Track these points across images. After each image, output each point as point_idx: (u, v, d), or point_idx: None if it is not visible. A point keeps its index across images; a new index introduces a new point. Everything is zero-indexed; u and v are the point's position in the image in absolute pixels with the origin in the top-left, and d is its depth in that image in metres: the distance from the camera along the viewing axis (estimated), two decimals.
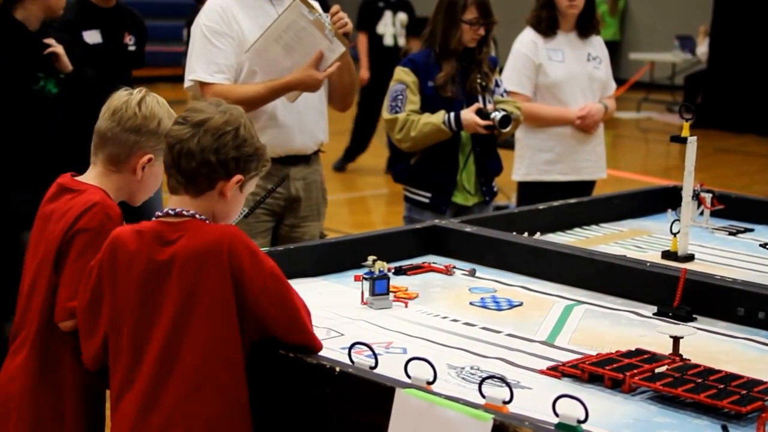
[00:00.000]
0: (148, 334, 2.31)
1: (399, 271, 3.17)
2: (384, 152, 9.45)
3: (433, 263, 3.28)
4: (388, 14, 9.87)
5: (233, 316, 2.28)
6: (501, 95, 4.66)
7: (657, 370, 2.35)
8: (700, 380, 2.26)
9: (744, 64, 13.43)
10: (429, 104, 4.49)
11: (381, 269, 2.84)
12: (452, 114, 4.43)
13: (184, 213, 2.32)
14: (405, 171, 4.63)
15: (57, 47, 4.31)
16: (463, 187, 4.56)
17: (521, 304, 2.93)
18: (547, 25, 5.04)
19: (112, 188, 2.60)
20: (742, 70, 13.45)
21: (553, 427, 1.97)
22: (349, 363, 2.28)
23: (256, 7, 3.93)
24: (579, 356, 2.48)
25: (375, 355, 2.26)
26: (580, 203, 4.01)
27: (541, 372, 2.41)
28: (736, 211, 3.99)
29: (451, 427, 2.00)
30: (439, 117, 4.44)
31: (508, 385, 2.06)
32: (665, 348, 2.48)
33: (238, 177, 2.35)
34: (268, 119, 3.93)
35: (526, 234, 3.54)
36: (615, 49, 14.63)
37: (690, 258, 3.35)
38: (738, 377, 2.30)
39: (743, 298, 2.79)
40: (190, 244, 2.28)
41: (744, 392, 2.20)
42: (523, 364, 2.46)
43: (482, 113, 4.44)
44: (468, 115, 4.43)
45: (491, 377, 2.15)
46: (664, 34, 15.99)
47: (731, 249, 3.57)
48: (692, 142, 3.28)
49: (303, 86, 3.86)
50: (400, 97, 4.49)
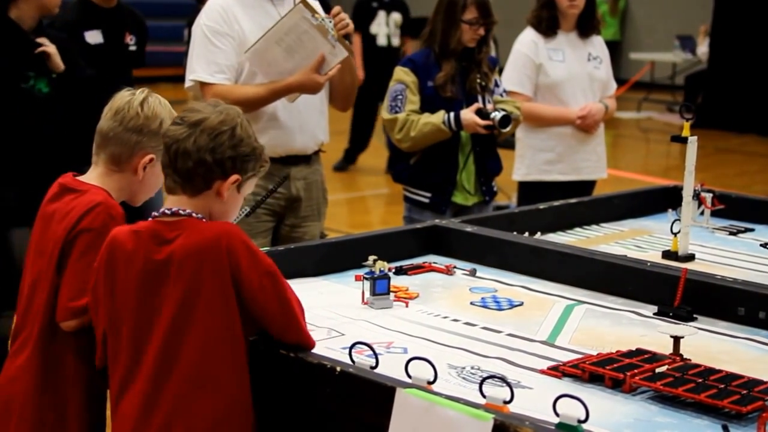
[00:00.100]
0: (148, 334, 2.31)
1: (399, 271, 3.17)
2: (384, 152, 9.45)
3: (434, 263, 3.28)
4: (381, 14, 9.87)
5: (234, 313, 2.28)
6: (500, 95, 4.66)
7: (657, 370, 2.35)
8: (700, 380, 2.27)
9: (744, 63, 13.42)
10: (429, 104, 4.49)
11: (381, 269, 2.84)
12: (452, 114, 4.43)
13: (181, 212, 2.32)
14: (405, 171, 4.63)
15: (48, 47, 4.28)
16: (462, 187, 4.56)
17: (522, 304, 2.93)
18: (547, 25, 5.04)
19: (113, 188, 2.60)
20: (742, 70, 13.45)
21: (553, 427, 1.97)
22: (350, 363, 2.28)
23: (257, 7, 3.93)
24: (579, 356, 2.48)
25: (375, 355, 2.26)
26: (581, 203, 4.01)
27: (542, 372, 2.41)
28: (737, 210, 3.98)
29: (451, 426, 2.00)
30: (438, 117, 4.43)
31: (508, 384, 2.06)
32: (666, 348, 2.48)
33: (235, 177, 2.35)
34: (269, 119, 3.93)
35: (527, 234, 3.54)
36: (615, 49, 14.63)
37: (690, 258, 3.35)
38: (738, 377, 2.30)
39: (744, 297, 2.79)
40: (188, 242, 2.28)
41: (744, 392, 2.20)
42: (523, 363, 2.46)
43: (482, 113, 4.44)
44: (468, 115, 4.43)
45: (492, 377, 2.15)
46: (665, 34, 15.99)
47: (732, 249, 3.57)
48: (693, 142, 3.28)
49: (304, 89, 3.86)
50: (400, 97, 4.49)
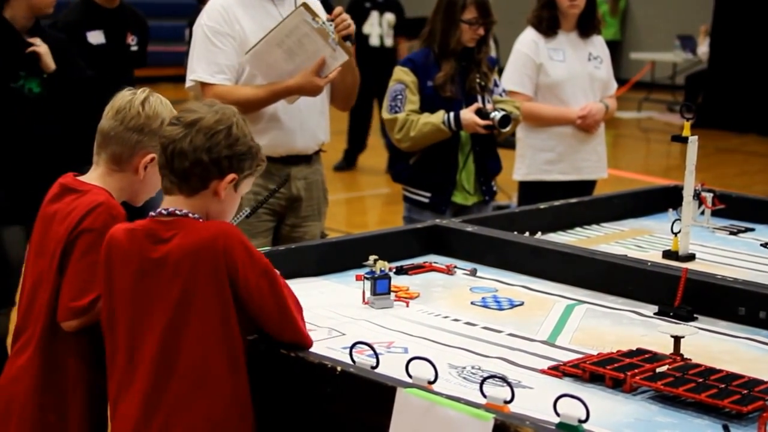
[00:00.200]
0: (144, 334, 2.31)
1: (400, 271, 3.17)
2: (384, 152, 9.44)
3: (435, 263, 3.28)
4: (374, 14, 9.88)
5: (230, 313, 2.28)
6: (499, 95, 4.66)
7: (658, 370, 2.35)
8: (701, 380, 2.27)
9: (745, 63, 13.42)
10: (428, 104, 4.49)
11: (382, 269, 2.84)
12: (452, 114, 4.43)
13: (177, 212, 2.33)
14: (404, 171, 4.63)
15: (39, 47, 4.27)
16: (462, 187, 4.56)
17: (522, 304, 2.93)
18: (548, 24, 5.04)
19: (114, 188, 2.60)
20: (742, 70, 13.44)
21: (554, 427, 1.97)
22: (351, 362, 2.28)
23: (258, 7, 3.93)
24: (580, 356, 2.48)
25: (376, 355, 2.26)
26: (581, 203, 4.01)
27: (543, 372, 2.41)
28: (737, 210, 3.99)
29: (452, 426, 2.00)
30: (438, 117, 4.43)
31: (509, 384, 2.06)
32: (666, 348, 2.48)
33: (231, 176, 2.35)
34: (270, 119, 3.93)
35: (528, 234, 3.54)
36: (616, 48, 14.62)
37: (691, 257, 3.35)
38: (739, 377, 2.30)
39: (744, 297, 2.79)
40: (184, 242, 2.28)
41: (745, 392, 2.20)
42: (524, 363, 2.46)
43: (482, 113, 4.44)
44: (467, 114, 4.43)
45: (492, 377, 2.15)
46: (665, 34, 15.98)
47: (732, 248, 3.57)
48: (693, 142, 3.28)
49: (303, 92, 3.86)
50: (400, 96, 4.49)
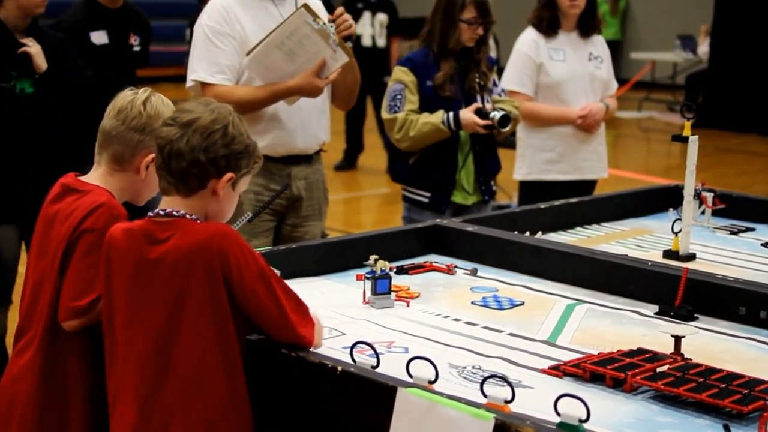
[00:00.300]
0: (140, 334, 2.32)
1: (401, 271, 3.17)
2: (384, 152, 9.44)
3: (435, 262, 3.28)
4: (366, 15, 9.87)
5: (225, 314, 2.28)
6: (498, 95, 4.66)
7: (658, 370, 2.35)
8: (701, 380, 2.27)
9: (745, 63, 13.41)
10: (428, 104, 4.49)
11: (383, 268, 2.84)
12: (451, 113, 4.43)
13: (174, 213, 2.33)
14: (404, 171, 4.63)
15: (30, 47, 4.27)
16: (461, 187, 4.56)
17: (523, 304, 2.93)
18: (548, 24, 5.04)
19: (116, 188, 2.60)
20: (743, 70, 13.44)
21: (554, 427, 1.97)
22: (351, 362, 2.28)
23: (259, 7, 3.93)
24: (580, 356, 2.48)
25: (377, 355, 2.26)
26: (582, 202, 4.01)
27: (543, 371, 2.41)
28: (738, 210, 3.98)
29: (452, 426, 2.00)
30: (438, 116, 4.43)
31: (509, 384, 2.07)
32: (667, 347, 2.48)
33: (229, 175, 2.35)
34: (271, 119, 3.93)
35: (528, 233, 3.55)
36: (616, 48, 14.61)
37: (691, 257, 3.35)
38: (739, 376, 2.30)
39: (745, 297, 2.79)
40: (181, 242, 2.28)
41: (745, 391, 2.20)
42: (524, 363, 2.46)
43: (481, 113, 4.44)
44: (467, 114, 4.43)
45: (493, 376, 2.15)
46: (665, 34, 15.98)
47: (733, 248, 3.57)
48: (693, 142, 3.28)
49: (303, 92, 3.86)
50: (399, 96, 4.49)
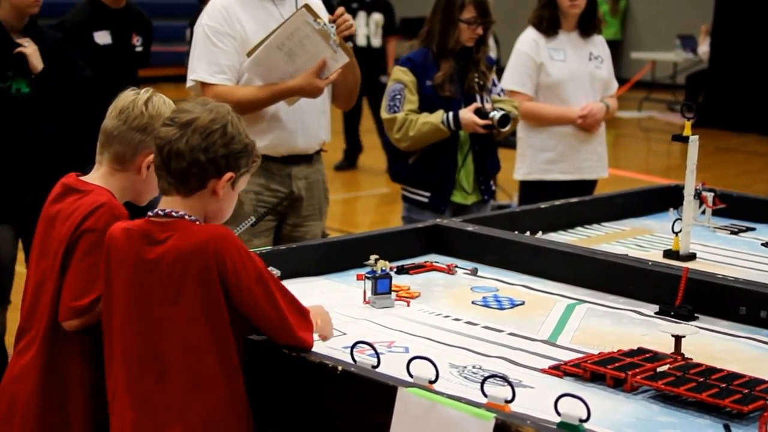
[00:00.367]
0: (137, 334, 2.32)
1: (401, 270, 3.17)
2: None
3: (435, 262, 3.28)
4: (361, 15, 9.88)
5: (221, 315, 2.28)
6: (498, 94, 4.66)
7: (659, 369, 2.35)
8: (701, 379, 2.27)
9: (745, 63, 13.41)
10: (427, 103, 4.49)
11: (383, 268, 2.85)
12: (451, 113, 4.43)
13: (173, 214, 2.33)
14: (403, 171, 4.63)
15: (25, 48, 4.27)
16: (461, 187, 4.56)
17: (523, 303, 2.93)
18: (548, 24, 5.04)
19: (117, 187, 2.60)
20: (743, 70, 13.44)
21: (555, 426, 1.97)
22: (352, 362, 2.28)
23: (259, 7, 3.93)
24: (581, 355, 2.48)
25: (377, 354, 2.26)
26: (582, 202, 4.01)
27: (543, 371, 2.41)
28: (738, 210, 3.99)
29: (453, 426, 2.00)
30: (437, 116, 4.44)
31: (510, 384, 2.07)
32: (667, 347, 2.48)
33: (229, 174, 2.35)
34: (271, 119, 3.93)
35: (528, 233, 3.55)
36: (616, 48, 14.61)
37: (692, 257, 3.35)
38: (740, 376, 2.30)
39: (745, 297, 2.79)
40: (179, 244, 2.28)
41: (746, 391, 2.20)
42: (525, 363, 2.46)
43: (481, 113, 4.44)
44: (467, 114, 4.43)
45: (493, 376, 2.15)
46: (666, 34, 15.98)
47: (733, 248, 3.57)
48: (694, 141, 3.28)
49: (304, 93, 3.86)
50: (398, 96, 4.49)
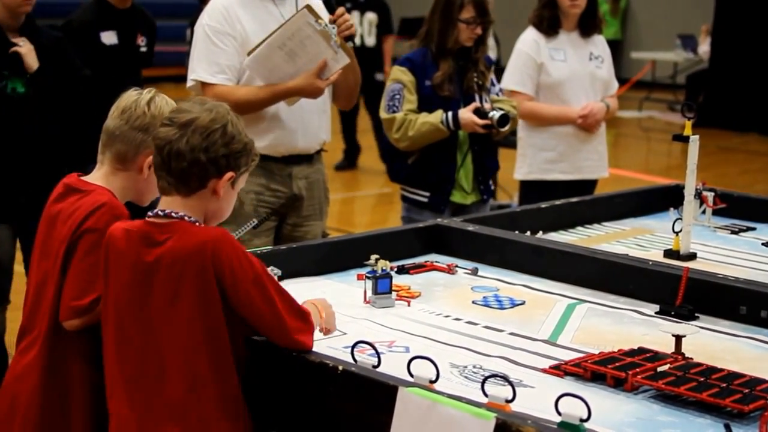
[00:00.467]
0: (136, 334, 2.32)
1: (401, 270, 3.17)
2: None
3: (436, 262, 3.28)
4: (355, 14, 9.88)
5: (218, 316, 2.28)
6: (497, 94, 4.66)
7: (659, 369, 2.35)
8: (702, 379, 2.27)
9: (746, 62, 13.42)
10: (426, 103, 4.49)
11: (384, 268, 2.85)
12: (450, 113, 4.43)
13: (173, 215, 2.33)
14: (403, 171, 4.63)
15: (21, 47, 4.27)
16: (460, 186, 4.56)
17: (524, 303, 2.93)
18: (549, 24, 5.04)
19: (118, 187, 2.60)
20: (744, 69, 13.44)
21: (555, 426, 1.97)
22: (352, 362, 2.28)
23: (260, 7, 3.93)
24: (581, 355, 2.48)
25: (378, 354, 2.26)
26: (583, 202, 4.01)
27: (544, 371, 2.41)
28: (739, 209, 3.98)
29: (453, 425, 2.00)
30: (436, 116, 4.44)
31: (510, 383, 2.07)
32: (668, 347, 2.48)
33: (229, 174, 2.35)
34: (272, 119, 3.93)
35: (529, 233, 3.55)
36: (616, 48, 14.61)
37: (692, 257, 3.35)
38: (740, 376, 2.30)
39: (745, 296, 2.79)
40: (177, 246, 2.28)
41: (746, 391, 2.20)
42: (525, 362, 2.46)
43: (480, 112, 4.44)
44: (466, 114, 4.43)
45: (494, 376, 2.15)
46: (666, 33, 15.98)
47: (733, 248, 3.57)
48: (694, 141, 3.28)
49: (304, 93, 3.85)
50: (398, 96, 4.49)
